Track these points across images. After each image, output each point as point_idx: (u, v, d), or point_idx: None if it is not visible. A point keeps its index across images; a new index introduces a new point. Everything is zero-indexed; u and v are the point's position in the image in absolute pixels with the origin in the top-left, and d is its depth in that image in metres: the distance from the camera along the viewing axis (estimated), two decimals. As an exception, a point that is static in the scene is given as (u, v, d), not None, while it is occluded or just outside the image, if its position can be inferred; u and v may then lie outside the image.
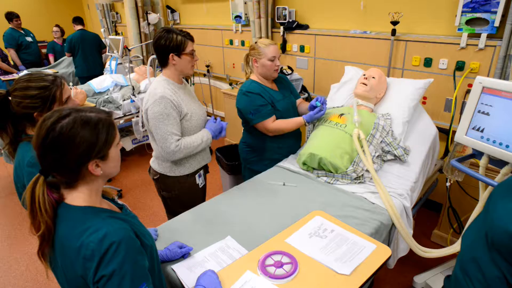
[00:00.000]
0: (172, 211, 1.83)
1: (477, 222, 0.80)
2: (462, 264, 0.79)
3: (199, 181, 1.83)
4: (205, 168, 1.94)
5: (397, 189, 1.71)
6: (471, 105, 1.46)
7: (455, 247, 1.56)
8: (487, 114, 1.41)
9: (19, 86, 1.24)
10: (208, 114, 4.89)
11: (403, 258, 1.83)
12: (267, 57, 1.93)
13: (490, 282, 0.72)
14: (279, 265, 1.16)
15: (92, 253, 0.76)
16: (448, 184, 1.80)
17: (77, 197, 0.85)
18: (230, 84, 3.90)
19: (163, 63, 1.66)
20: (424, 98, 2.51)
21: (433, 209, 2.73)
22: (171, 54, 1.60)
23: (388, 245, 1.67)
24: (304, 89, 3.12)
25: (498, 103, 1.37)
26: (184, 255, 1.30)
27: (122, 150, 3.81)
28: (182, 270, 1.25)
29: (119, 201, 1.05)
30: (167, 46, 1.59)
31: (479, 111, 1.44)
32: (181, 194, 1.79)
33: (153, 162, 1.80)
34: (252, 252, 1.25)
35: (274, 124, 1.96)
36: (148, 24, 4.43)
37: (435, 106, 2.48)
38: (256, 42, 1.97)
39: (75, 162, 0.81)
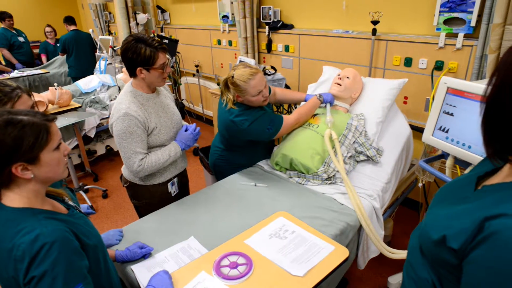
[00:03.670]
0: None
1: (420, 225, 0.79)
2: (405, 266, 0.79)
3: (172, 189, 1.77)
4: (182, 176, 1.86)
5: (367, 190, 1.70)
6: (437, 106, 1.45)
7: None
8: (451, 114, 1.40)
9: None
10: (198, 114, 4.91)
11: (381, 259, 1.82)
12: (251, 94, 1.69)
13: (420, 283, 0.73)
14: (234, 266, 1.17)
15: (23, 254, 0.76)
16: (420, 184, 1.79)
17: (13, 198, 0.85)
18: (218, 84, 3.90)
19: (131, 74, 1.54)
20: (405, 98, 2.51)
21: (414, 208, 2.72)
22: (139, 68, 1.49)
23: (357, 246, 1.67)
24: (288, 89, 3.12)
25: (461, 103, 1.36)
26: (145, 256, 1.31)
27: (110, 150, 3.84)
28: (141, 270, 1.26)
29: (70, 202, 1.05)
30: (135, 60, 1.46)
31: (444, 112, 1.44)
32: (152, 202, 1.72)
33: (124, 169, 1.73)
34: (210, 253, 1.25)
35: (293, 116, 1.83)
36: (137, 24, 4.43)
37: (415, 106, 2.47)
38: (233, 76, 1.68)
39: None
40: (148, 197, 1.73)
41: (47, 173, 0.88)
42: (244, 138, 1.82)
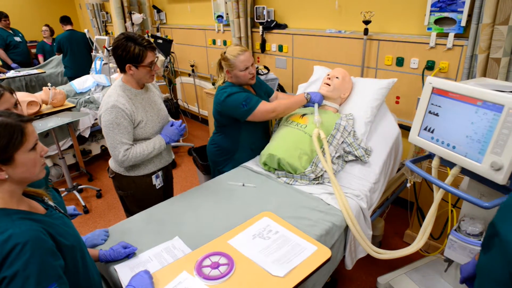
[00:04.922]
0: (129, 210, 1.85)
1: (489, 261, 0.68)
2: None
3: (156, 182, 1.82)
4: (167, 170, 1.92)
5: (355, 190, 1.70)
6: (423, 106, 1.45)
7: (408, 249, 1.55)
8: (437, 114, 1.40)
9: None
10: (194, 114, 4.91)
11: (370, 259, 1.81)
12: (238, 69, 1.85)
13: None
14: (216, 266, 1.17)
15: None
16: (408, 185, 1.79)
17: None
18: (213, 84, 3.91)
19: (121, 69, 1.62)
20: (397, 97, 2.50)
21: (406, 208, 2.72)
22: (128, 65, 1.56)
23: (345, 246, 1.66)
24: (281, 89, 3.12)
25: (446, 103, 1.36)
26: (129, 255, 1.31)
27: (105, 150, 3.84)
28: (124, 270, 1.26)
29: (50, 202, 1.05)
30: (124, 57, 1.54)
31: (429, 112, 1.43)
32: (136, 194, 1.79)
33: (110, 161, 1.80)
34: (193, 253, 1.26)
35: (272, 103, 1.89)
36: (132, 24, 4.44)
37: (407, 106, 2.47)
38: (225, 52, 1.87)
39: None
40: (133, 188, 1.79)
41: (23, 173, 0.88)
42: (223, 112, 1.92)
